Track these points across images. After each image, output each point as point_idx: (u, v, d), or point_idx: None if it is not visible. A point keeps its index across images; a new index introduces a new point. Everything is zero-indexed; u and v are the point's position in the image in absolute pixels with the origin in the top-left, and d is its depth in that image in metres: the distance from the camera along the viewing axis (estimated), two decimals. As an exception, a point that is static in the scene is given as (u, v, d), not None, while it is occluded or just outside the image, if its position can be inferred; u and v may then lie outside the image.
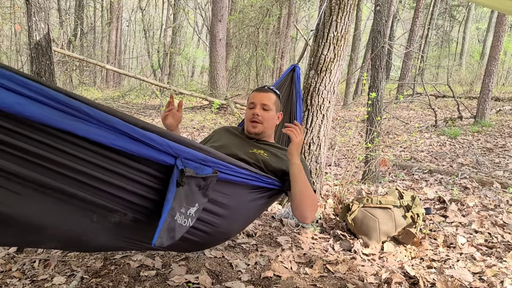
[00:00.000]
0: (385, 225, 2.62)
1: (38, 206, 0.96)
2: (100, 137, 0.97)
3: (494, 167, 5.03)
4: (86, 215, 1.04)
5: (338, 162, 5.64)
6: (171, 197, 1.10)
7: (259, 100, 1.85)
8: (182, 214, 1.14)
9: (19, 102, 0.85)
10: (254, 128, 1.84)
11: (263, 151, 1.75)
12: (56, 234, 1.03)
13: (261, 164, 1.69)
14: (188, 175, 1.12)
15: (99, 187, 1.02)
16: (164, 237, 1.10)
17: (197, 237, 1.32)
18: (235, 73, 16.12)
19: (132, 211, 1.11)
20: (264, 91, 1.89)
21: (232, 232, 1.62)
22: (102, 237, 1.11)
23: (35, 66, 3.52)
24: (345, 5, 2.92)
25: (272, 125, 1.89)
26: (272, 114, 1.86)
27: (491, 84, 7.87)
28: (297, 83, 2.48)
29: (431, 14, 13.11)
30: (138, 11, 22.72)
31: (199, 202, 1.19)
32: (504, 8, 2.61)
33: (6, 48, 16.42)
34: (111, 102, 10.53)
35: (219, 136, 1.95)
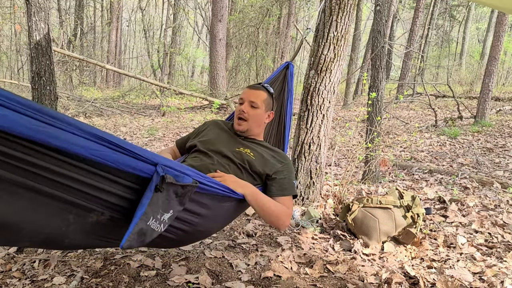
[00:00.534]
0: (385, 225, 2.62)
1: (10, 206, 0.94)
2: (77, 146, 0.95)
3: (494, 167, 5.02)
4: (62, 215, 1.03)
5: (338, 162, 5.64)
6: (146, 202, 1.09)
7: (248, 97, 1.83)
8: (157, 219, 1.14)
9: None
10: (239, 126, 1.83)
11: (249, 150, 1.75)
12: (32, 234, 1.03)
13: (245, 165, 1.71)
14: (168, 182, 1.11)
15: (75, 187, 1.01)
16: (134, 240, 1.10)
17: (173, 235, 1.32)
18: (235, 73, 16.11)
19: (109, 210, 1.10)
20: (255, 88, 1.87)
21: (211, 230, 1.63)
22: (78, 236, 1.11)
23: (35, 66, 3.52)
24: (345, 5, 2.92)
25: (259, 123, 1.87)
26: (259, 112, 1.84)
27: (491, 84, 7.87)
28: (290, 80, 2.47)
29: (431, 14, 13.11)
30: (138, 11, 22.72)
31: (174, 210, 1.19)
32: (504, 7, 2.60)
33: (6, 48, 16.43)
34: (111, 102, 10.53)
35: (209, 130, 1.94)
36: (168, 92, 11.47)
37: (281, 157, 1.83)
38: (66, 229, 1.06)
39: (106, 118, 9.01)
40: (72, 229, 1.07)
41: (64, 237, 1.08)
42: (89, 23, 19.95)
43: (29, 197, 0.96)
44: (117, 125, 8.26)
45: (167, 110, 9.58)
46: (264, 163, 1.75)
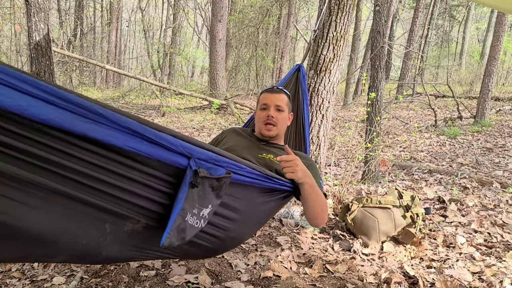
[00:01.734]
0: (384, 225, 2.62)
1: (47, 215, 0.92)
2: (113, 138, 0.94)
3: (493, 167, 5.03)
4: (99, 224, 1.01)
5: (337, 162, 5.64)
6: (182, 197, 1.08)
7: (273, 101, 1.79)
8: (194, 215, 1.12)
9: (33, 104, 0.83)
10: (269, 131, 1.78)
11: (272, 156, 1.71)
12: (69, 245, 1.00)
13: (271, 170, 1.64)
14: (202, 176, 1.09)
15: (111, 193, 0.99)
16: (174, 237, 1.08)
17: (207, 242, 1.29)
18: (235, 73, 16.13)
19: (145, 217, 1.08)
20: (277, 92, 1.84)
21: (243, 236, 1.58)
22: (114, 248, 1.08)
23: (35, 67, 3.53)
24: (344, 5, 2.93)
25: (284, 127, 1.85)
26: (285, 116, 1.82)
27: (491, 84, 7.87)
28: (303, 83, 2.46)
29: (431, 14, 13.12)
30: (138, 12, 22.73)
31: (213, 203, 1.17)
32: (504, 7, 2.61)
33: (6, 49, 16.43)
34: (111, 102, 10.54)
35: (228, 139, 1.89)
36: (168, 93, 11.48)
37: (304, 159, 1.77)
38: (103, 239, 1.04)
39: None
40: (109, 239, 1.05)
41: (102, 248, 1.05)
42: (89, 23, 19.96)
43: (65, 204, 0.94)
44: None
45: (167, 111, 9.59)
46: None
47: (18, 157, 0.86)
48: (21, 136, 0.85)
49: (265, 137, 1.81)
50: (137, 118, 0.97)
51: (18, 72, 0.80)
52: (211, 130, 7.83)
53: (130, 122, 0.95)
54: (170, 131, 1.05)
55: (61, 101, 0.86)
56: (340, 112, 10.75)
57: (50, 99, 0.84)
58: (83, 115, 0.89)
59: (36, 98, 0.83)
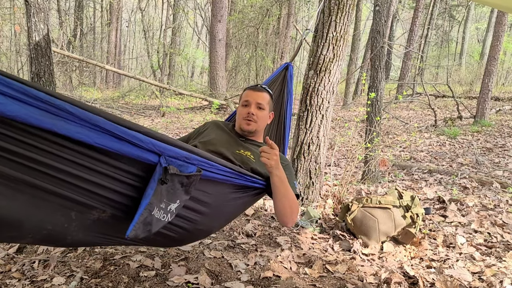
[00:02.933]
0: (384, 225, 2.62)
1: (13, 202, 0.97)
2: (82, 135, 0.98)
3: (493, 167, 5.03)
4: (65, 212, 1.05)
5: (337, 162, 5.64)
6: (150, 193, 1.10)
7: (254, 99, 1.84)
8: (162, 209, 1.15)
9: (1, 101, 0.86)
10: (248, 126, 1.83)
11: (249, 153, 1.74)
12: (34, 229, 1.04)
13: (246, 167, 1.68)
14: (172, 173, 1.13)
15: (77, 184, 1.03)
16: (140, 229, 1.12)
17: (174, 233, 1.33)
18: (234, 73, 16.12)
19: (111, 208, 1.12)
20: (259, 90, 1.88)
21: (212, 229, 1.62)
22: (79, 234, 1.12)
23: (35, 67, 3.53)
24: (344, 5, 2.93)
25: (264, 124, 1.89)
26: (266, 114, 1.86)
27: (490, 84, 7.87)
28: (289, 81, 2.48)
29: (430, 14, 13.11)
30: (137, 12, 22.73)
31: (181, 199, 1.20)
32: (506, 5, 2.60)
33: (6, 49, 16.42)
34: (110, 102, 10.55)
35: (209, 131, 1.93)
36: (167, 93, 11.49)
37: (281, 158, 1.82)
38: (68, 226, 1.08)
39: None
40: (74, 226, 1.09)
41: (67, 234, 1.09)
42: (89, 23, 19.95)
43: (30, 193, 0.98)
44: (117, 125, 8.24)
45: (166, 111, 9.58)
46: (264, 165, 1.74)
47: None
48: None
49: (244, 132, 1.85)
50: (107, 116, 1.00)
51: None
52: (211, 130, 7.82)
53: (100, 120, 0.98)
54: (141, 129, 1.07)
55: (30, 99, 0.89)
56: (340, 112, 10.75)
57: (19, 97, 0.88)
58: (52, 112, 0.92)
59: (5, 96, 0.87)
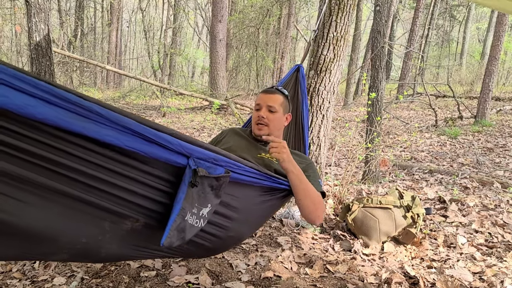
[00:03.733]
0: (385, 225, 2.62)
1: (46, 214, 0.93)
2: (112, 138, 0.95)
3: (494, 167, 5.02)
4: (98, 222, 1.02)
5: (338, 162, 5.64)
6: (181, 197, 1.08)
7: (265, 102, 1.81)
8: (194, 214, 1.12)
9: (30, 103, 0.83)
10: (259, 131, 1.80)
11: (270, 155, 1.71)
12: (69, 244, 1.00)
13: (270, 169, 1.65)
14: (201, 175, 1.10)
15: (110, 191, 1.00)
16: (174, 237, 1.08)
17: (207, 241, 1.30)
18: (235, 73, 16.13)
19: (144, 216, 1.09)
20: (271, 92, 1.85)
21: (243, 236, 1.58)
22: (113, 246, 1.09)
23: (35, 67, 3.53)
24: (344, 5, 2.92)
25: (278, 127, 1.85)
26: (278, 116, 1.82)
27: (491, 83, 7.87)
28: (302, 83, 2.46)
29: (431, 14, 13.10)
30: (138, 12, 22.76)
31: (212, 203, 1.18)
32: (504, 8, 2.61)
33: (6, 49, 16.44)
34: (111, 102, 10.54)
35: (228, 139, 1.91)
36: (168, 93, 11.49)
37: (302, 158, 1.81)
38: (103, 238, 1.04)
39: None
40: (108, 237, 1.05)
41: (101, 247, 1.06)
42: (90, 24, 19.98)
43: (63, 203, 0.94)
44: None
45: (167, 111, 9.59)
46: None
47: (18, 156, 0.87)
48: (20, 135, 0.86)
49: (257, 137, 1.82)
50: (136, 118, 0.98)
51: (17, 72, 0.81)
52: (211, 130, 7.83)
53: (130, 122, 0.96)
54: (170, 131, 1.05)
55: (59, 100, 0.86)
56: (341, 112, 10.75)
57: (48, 98, 0.85)
58: (82, 114, 0.89)
59: (33, 97, 0.83)
